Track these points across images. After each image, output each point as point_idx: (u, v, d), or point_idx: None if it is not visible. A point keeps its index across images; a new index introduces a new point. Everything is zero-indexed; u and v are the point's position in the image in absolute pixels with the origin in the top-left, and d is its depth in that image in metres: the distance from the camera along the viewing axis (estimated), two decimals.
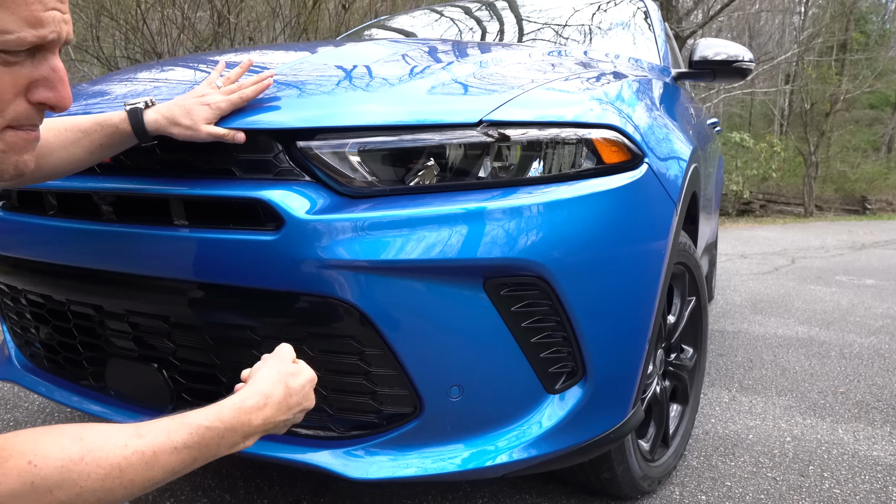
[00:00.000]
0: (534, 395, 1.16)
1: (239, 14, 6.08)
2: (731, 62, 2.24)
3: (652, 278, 1.27)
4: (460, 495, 1.68)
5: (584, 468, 1.53)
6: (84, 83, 1.70)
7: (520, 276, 1.09)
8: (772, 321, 3.77)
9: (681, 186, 1.39)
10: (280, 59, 1.55)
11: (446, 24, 2.74)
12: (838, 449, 2.04)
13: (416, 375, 1.09)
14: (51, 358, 1.50)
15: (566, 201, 1.11)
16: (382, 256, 1.05)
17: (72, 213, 1.24)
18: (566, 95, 1.20)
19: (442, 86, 1.16)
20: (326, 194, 1.08)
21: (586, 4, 2.66)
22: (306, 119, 1.09)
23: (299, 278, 1.06)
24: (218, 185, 1.10)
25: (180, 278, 1.14)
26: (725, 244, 7.99)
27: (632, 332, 1.24)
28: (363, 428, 1.16)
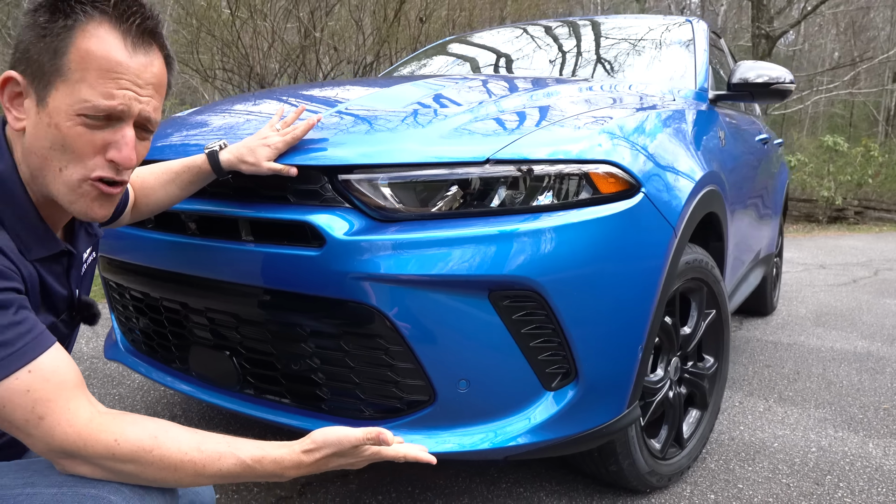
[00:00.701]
0: (532, 390, 1.36)
1: (323, 29, 6.48)
2: (769, 84, 2.34)
3: (644, 294, 1.43)
4: (487, 480, 1.89)
5: (594, 460, 1.71)
6: (183, 113, 2.04)
7: (518, 290, 1.29)
8: (832, 334, 3.74)
9: (681, 212, 1.54)
10: (335, 95, 1.82)
11: (521, 42, 2.95)
12: (862, 462, 2.11)
13: (430, 369, 1.31)
14: (147, 343, 1.82)
15: (561, 227, 1.30)
16: (405, 271, 1.28)
17: (165, 228, 1.54)
18: (567, 134, 1.39)
19: (458, 128, 1.38)
20: (361, 218, 1.32)
21: (647, 29, 2.80)
22: (346, 157, 1.33)
23: (337, 287, 1.31)
24: (276, 210, 1.37)
25: (246, 283, 1.41)
26: (805, 253, 7.75)
27: (621, 341, 1.42)
28: (388, 411, 1.39)
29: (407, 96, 1.65)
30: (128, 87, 0.90)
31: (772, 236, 3.48)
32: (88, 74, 0.88)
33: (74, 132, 0.88)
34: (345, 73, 7.16)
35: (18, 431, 0.85)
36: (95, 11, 0.89)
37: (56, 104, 0.88)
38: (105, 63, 0.89)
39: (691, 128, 1.86)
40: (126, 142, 0.92)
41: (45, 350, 0.86)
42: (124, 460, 0.87)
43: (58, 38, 0.87)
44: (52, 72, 0.88)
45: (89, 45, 0.88)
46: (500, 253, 1.28)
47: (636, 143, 1.47)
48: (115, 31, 0.90)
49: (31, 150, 0.91)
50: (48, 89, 0.88)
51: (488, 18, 7.64)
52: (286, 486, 1.84)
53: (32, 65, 0.89)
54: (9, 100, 0.91)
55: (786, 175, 3.95)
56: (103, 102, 0.88)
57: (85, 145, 0.90)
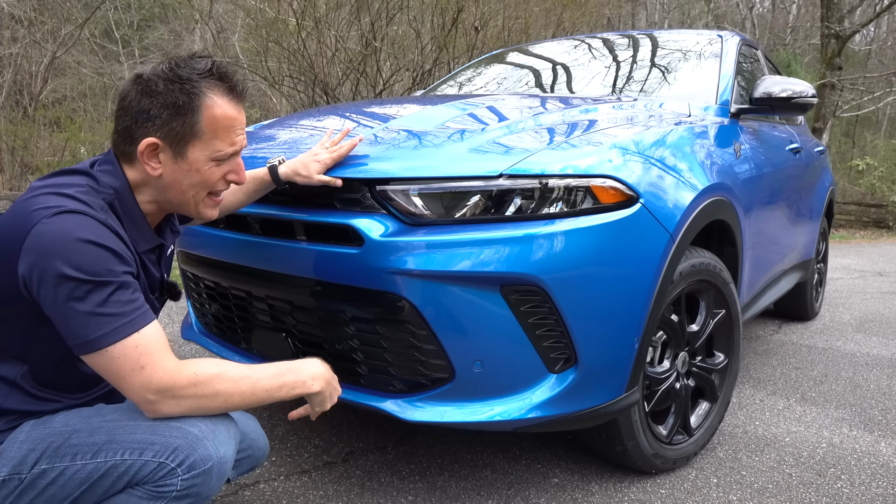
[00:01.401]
0: (538, 372, 1.58)
1: (383, 39, 6.80)
2: (790, 98, 2.48)
3: (639, 292, 1.63)
4: (509, 456, 2.12)
5: (602, 441, 1.91)
6: (253, 127, 2.35)
7: (525, 286, 1.51)
8: (872, 341, 3.77)
9: (680, 220, 1.73)
10: (382, 113, 2.08)
11: (551, 60, 3.17)
12: (870, 458, 2.22)
13: (450, 351, 1.55)
14: (217, 326, 2.13)
15: (563, 232, 1.52)
16: (430, 267, 1.52)
17: (235, 228, 1.83)
18: (573, 152, 1.60)
19: (478, 147, 1.61)
20: (395, 223, 1.57)
21: (678, 44, 2.97)
22: (383, 171, 1.59)
23: (373, 280, 1.56)
24: (325, 214, 1.63)
25: (299, 275, 1.68)
26: (865, 260, 7.60)
27: (617, 333, 1.62)
28: (415, 386, 1.64)
29: (438, 117, 1.89)
30: (240, 132, 1.32)
31: (807, 242, 3.56)
32: (218, 132, 1.27)
33: (210, 172, 1.30)
34: (403, 79, 7.47)
35: (123, 379, 1.15)
36: (214, 89, 1.26)
37: (195, 156, 1.27)
38: (227, 122, 1.28)
39: (701, 142, 2.03)
40: (240, 167, 1.36)
41: (149, 322, 1.18)
42: (202, 382, 1.20)
43: (191, 113, 1.23)
44: (189, 135, 1.24)
45: (215, 115, 1.26)
46: (510, 254, 1.50)
47: (636, 159, 1.67)
48: (228, 98, 1.28)
49: (171, 186, 1.29)
50: (185, 146, 1.25)
51: (543, 25, 7.81)
52: (333, 453, 2.11)
53: (172, 132, 1.23)
54: (147, 157, 1.25)
55: (828, 182, 4.00)
56: (230, 149, 1.30)
57: (216, 177, 1.32)
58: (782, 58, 19.91)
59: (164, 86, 1.21)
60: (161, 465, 1.20)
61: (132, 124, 1.23)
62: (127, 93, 1.24)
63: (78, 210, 1.14)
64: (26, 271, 1.12)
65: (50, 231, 1.10)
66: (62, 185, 1.20)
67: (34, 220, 1.12)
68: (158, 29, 17.99)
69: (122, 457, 1.20)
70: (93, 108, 13.48)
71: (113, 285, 1.13)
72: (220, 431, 1.25)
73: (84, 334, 1.12)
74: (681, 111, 2.23)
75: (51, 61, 8.96)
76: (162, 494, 1.21)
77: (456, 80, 3.37)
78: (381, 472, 2.01)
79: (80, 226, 1.13)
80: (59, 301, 1.11)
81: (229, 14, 10.75)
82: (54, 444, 1.22)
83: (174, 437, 1.21)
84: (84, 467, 1.20)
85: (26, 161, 8.32)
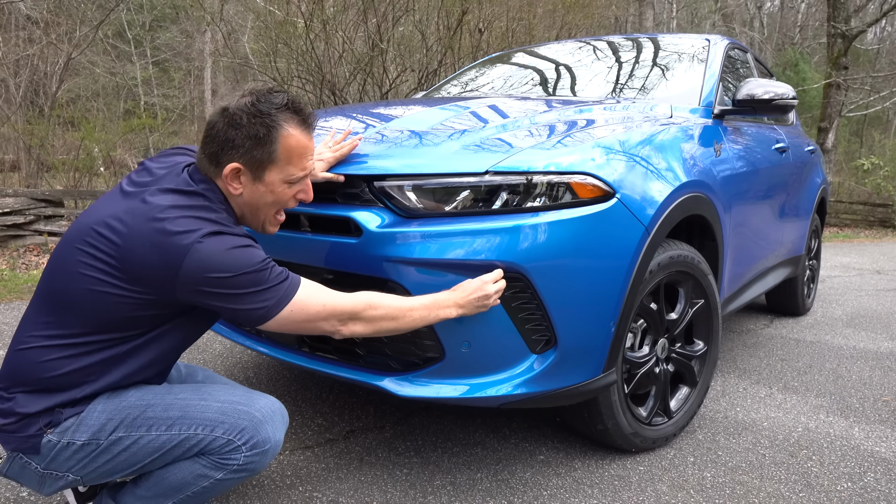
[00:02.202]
0: (521, 353, 1.73)
1: (389, 40, 6.95)
2: (770, 100, 2.61)
3: (615, 280, 1.77)
4: (499, 435, 2.27)
5: (584, 420, 2.05)
6: None
7: (508, 273, 1.66)
8: (860, 335, 3.89)
9: (655, 214, 1.86)
10: (385, 113, 2.23)
11: (569, 57, 3.31)
12: (842, 442, 2.35)
13: (439, 332, 1.70)
14: None
15: (543, 224, 1.66)
16: (423, 256, 1.67)
17: None
18: (555, 150, 1.74)
19: (468, 146, 1.76)
20: (391, 215, 1.72)
21: (667, 48, 3.10)
22: (381, 168, 1.74)
23: (371, 267, 1.71)
24: (327, 208, 1.78)
25: (305, 263, 1.84)
26: (866, 258, 7.69)
27: (594, 317, 1.76)
28: (409, 365, 1.79)
29: (435, 118, 2.04)
30: (310, 158, 1.52)
31: (796, 238, 3.68)
32: (292, 159, 1.46)
33: (283, 192, 1.49)
34: (409, 80, 7.62)
35: (312, 321, 1.43)
36: (289, 121, 1.45)
37: (271, 179, 1.46)
38: (301, 151, 1.47)
39: (681, 142, 2.16)
40: (309, 187, 1.55)
41: (300, 281, 1.44)
42: (376, 308, 1.51)
43: (270, 143, 1.43)
44: (267, 162, 1.44)
45: (290, 144, 1.45)
46: (496, 244, 1.65)
47: (615, 157, 1.81)
48: (301, 128, 1.47)
49: (248, 204, 1.49)
50: (264, 171, 1.45)
51: (547, 27, 7.93)
52: (334, 431, 2.27)
53: (253, 159, 1.43)
54: (231, 178, 1.44)
55: (819, 180, 4.11)
56: (301, 173, 1.49)
57: (287, 196, 1.51)
58: (790, 57, 19.92)
59: (247, 119, 1.40)
60: (229, 442, 1.42)
61: (219, 150, 1.43)
62: (214, 123, 1.43)
63: (216, 231, 1.35)
64: (193, 288, 1.32)
65: (206, 255, 1.31)
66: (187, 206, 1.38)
67: (185, 242, 1.30)
68: (170, 29, 18.24)
69: (195, 431, 1.42)
70: (105, 107, 13.72)
71: (267, 266, 1.38)
72: (277, 418, 1.49)
73: (266, 302, 1.36)
74: (664, 112, 2.36)
75: (67, 62, 9.17)
76: (224, 466, 1.44)
77: (458, 81, 3.51)
78: (379, 448, 2.16)
79: (224, 241, 1.34)
80: (235, 296, 1.34)
81: (239, 15, 10.94)
82: (131, 415, 1.40)
83: (241, 419, 1.44)
84: (158, 437, 1.41)
85: (42, 159, 8.52)
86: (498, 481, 1.96)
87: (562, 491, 1.92)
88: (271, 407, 1.50)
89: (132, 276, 1.33)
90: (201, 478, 1.44)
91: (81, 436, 1.37)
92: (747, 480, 2.03)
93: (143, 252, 1.31)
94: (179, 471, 1.44)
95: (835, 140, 13.22)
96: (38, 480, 1.41)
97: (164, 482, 1.45)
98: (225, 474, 1.44)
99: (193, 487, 1.45)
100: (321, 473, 1.98)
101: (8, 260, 5.96)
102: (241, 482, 1.51)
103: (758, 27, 24.32)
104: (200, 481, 1.44)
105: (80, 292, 1.34)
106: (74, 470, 1.40)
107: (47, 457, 1.37)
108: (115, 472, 1.43)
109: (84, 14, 10.11)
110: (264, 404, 1.49)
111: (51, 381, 1.36)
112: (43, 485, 1.42)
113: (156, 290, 1.34)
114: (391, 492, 1.89)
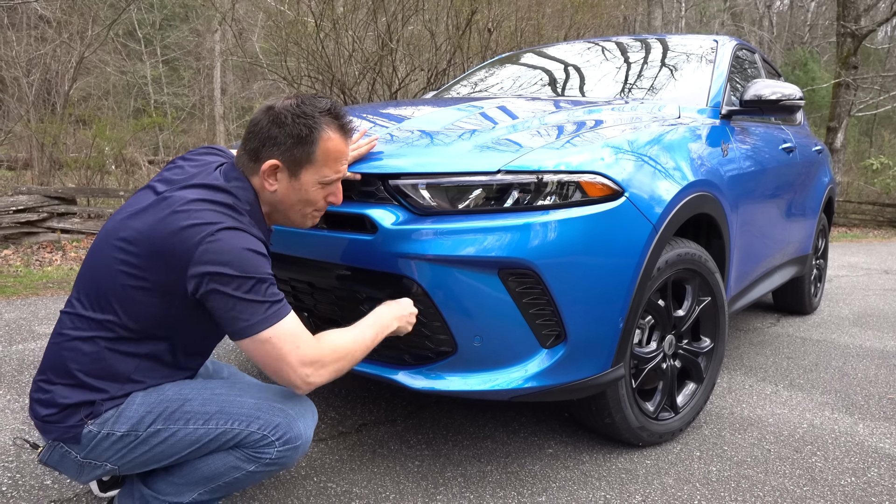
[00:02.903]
0: (531, 347, 1.77)
1: (399, 40, 7.00)
2: (777, 101, 2.64)
3: (623, 277, 1.81)
4: (509, 429, 2.31)
5: (592, 414, 2.09)
6: None
7: (519, 269, 1.70)
8: (866, 334, 3.91)
9: (663, 212, 1.90)
10: (397, 114, 2.28)
11: (578, 58, 3.35)
12: (846, 438, 2.39)
13: (452, 327, 1.75)
14: None
15: (554, 222, 1.70)
16: (436, 252, 1.71)
17: None
18: (565, 150, 1.79)
19: (480, 145, 1.80)
20: (405, 213, 1.77)
21: (675, 49, 3.14)
22: (395, 167, 1.78)
23: (386, 263, 1.76)
24: (343, 205, 1.83)
25: (320, 259, 1.89)
26: (874, 258, 7.69)
27: (603, 313, 1.80)
28: (422, 359, 1.84)
29: (447, 118, 2.09)
30: (345, 163, 1.59)
31: (803, 237, 3.71)
32: (328, 161, 1.53)
33: (315, 193, 1.56)
34: (418, 79, 7.67)
35: (283, 358, 1.39)
36: (330, 125, 1.51)
37: (306, 178, 1.52)
38: (337, 155, 1.54)
39: (688, 141, 2.20)
40: (339, 191, 1.61)
41: (290, 310, 1.43)
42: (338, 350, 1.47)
43: (310, 143, 1.49)
44: (305, 161, 1.50)
45: (328, 146, 1.51)
46: (507, 241, 1.69)
47: (624, 157, 1.85)
48: (340, 133, 1.53)
49: (282, 201, 1.55)
50: (300, 170, 1.51)
51: (556, 26, 7.96)
52: (347, 424, 2.32)
53: (292, 157, 1.49)
54: (268, 174, 1.50)
55: (826, 180, 4.13)
56: (335, 175, 1.56)
57: (319, 198, 1.58)
58: (800, 56, 19.84)
59: (291, 119, 1.47)
60: (264, 437, 1.47)
61: (260, 147, 1.49)
62: (259, 121, 1.50)
63: (235, 227, 1.39)
64: (199, 278, 1.34)
65: (218, 247, 1.34)
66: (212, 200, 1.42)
67: (201, 234, 1.34)
68: (180, 28, 18.34)
69: (232, 426, 1.46)
70: (116, 105, 13.84)
71: (268, 281, 1.39)
72: (308, 415, 1.54)
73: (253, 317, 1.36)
74: (672, 113, 2.40)
75: (79, 61, 9.27)
76: (257, 459, 1.48)
77: (468, 81, 3.56)
78: (391, 441, 2.21)
79: (241, 239, 1.37)
80: (229, 298, 1.34)
81: (249, 14, 11.02)
82: (169, 409, 1.45)
83: (276, 416, 1.48)
84: (195, 431, 1.46)
85: (55, 157, 8.62)
86: (508, 474, 2.01)
87: (570, 483, 1.96)
88: (304, 404, 1.55)
89: (152, 263, 1.37)
90: (234, 469, 1.49)
91: (121, 427, 1.42)
92: (752, 475, 2.06)
93: (162, 239, 1.36)
94: (214, 462, 1.49)
95: (844, 140, 13.19)
96: (76, 469, 1.47)
97: (197, 472, 1.50)
98: (257, 467, 1.49)
99: (225, 478, 1.50)
100: (335, 465, 2.03)
101: (22, 257, 6.04)
102: (271, 475, 1.55)
103: (767, 26, 24.24)
104: (233, 472, 1.49)
105: (116, 288, 1.40)
106: (112, 460, 1.45)
107: (87, 447, 1.42)
108: (152, 463, 1.48)
109: (96, 13, 10.21)
110: (297, 402, 1.54)
111: (89, 373, 1.41)
112: (81, 473, 1.48)
113: (171, 278, 1.37)
114: (403, 483, 1.94)
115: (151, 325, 1.43)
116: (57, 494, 1.82)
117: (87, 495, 1.81)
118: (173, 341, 1.48)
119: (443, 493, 1.89)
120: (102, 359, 1.41)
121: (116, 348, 1.42)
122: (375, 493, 1.88)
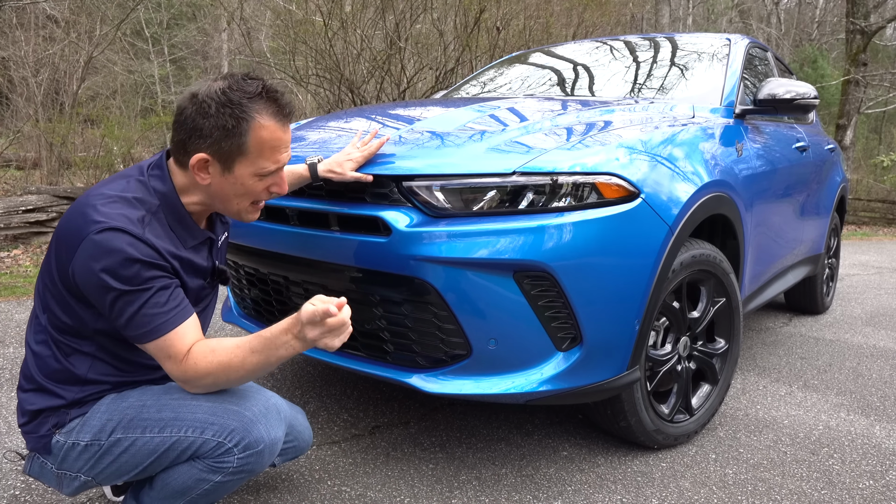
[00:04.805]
0: (547, 350, 1.76)
1: (407, 38, 6.99)
2: (791, 100, 2.62)
3: (639, 279, 1.79)
4: (522, 432, 2.30)
5: (608, 417, 2.08)
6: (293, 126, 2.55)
7: (535, 272, 1.69)
8: (880, 334, 3.88)
9: (679, 213, 1.88)
10: (407, 115, 2.26)
11: (590, 57, 3.33)
12: (863, 440, 2.36)
13: (467, 329, 1.73)
14: (256, 309, 2.33)
15: (570, 224, 1.69)
16: (450, 254, 1.70)
17: (274, 219, 2.03)
18: (580, 151, 1.77)
19: (495, 147, 1.78)
20: (419, 215, 1.75)
21: (688, 48, 3.11)
22: (409, 168, 1.77)
23: (400, 265, 1.74)
24: (356, 207, 1.82)
25: (333, 262, 1.87)
26: (885, 257, 7.63)
27: (619, 315, 1.78)
28: (436, 362, 1.82)
29: (460, 119, 2.07)
30: (285, 151, 1.43)
31: (816, 237, 3.67)
32: (264, 152, 1.38)
33: (254, 185, 1.42)
34: (427, 78, 7.65)
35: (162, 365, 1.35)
36: (262, 111, 1.35)
37: (241, 171, 1.38)
38: (273, 143, 1.38)
39: (703, 141, 2.18)
40: (282, 180, 1.47)
41: (183, 320, 1.34)
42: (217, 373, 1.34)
43: (239, 135, 1.34)
44: (236, 153, 1.36)
45: (262, 136, 1.36)
46: (522, 243, 1.68)
47: (639, 158, 1.83)
48: (275, 119, 1.37)
49: (217, 195, 1.42)
50: (233, 163, 1.37)
51: (564, 25, 7.93)
52: (360, 427, 2.31)
53: (221, 151, 1.35)
54: (198, 169, 1.37)
55: (839, 179, 4.09)
56: (273, 166, 1.41)
57: (259, 189, 1.44)
58: (808, 53, 19.73)
59: (216, 109, 1.31)
60: (220, 444, 1.38)
61: (186, 139, 1.35)
62: (183, 109, 1.35)
63: (120, 227, 1.27)
64: (76, 271, 1.28)
65: (95, 245, 1.25)
66: (115, 195, 1.33)
67: (87, 231, 1.26)
68: (187, 28, 18.36)
69: (186, 433, 1.38)
70: (123, 104, 13.87)
71: (149, 292, 1.29)
72: (271, 416, 1.44)
73: (128, 331, 1.31)
74: (686, 112, 2.38)
75: (88, 61, 9.29)
76: (220, 469, 1.40)
77: (478, 81, 3.54)
78: (405, 443, 2.20)
79: (121, 241, 1.26)
80: (105, 305, 1.29)
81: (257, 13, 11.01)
82: (128, 416, 1.40)
83: (231, 420, 1.39)
84: (152, 440, 1.38)
85: (64, 157, 8.64)
86: (522, 477, 1.99)
87: (586, 486, 1.95)
88: (265, 404, 1.45)
89: (57, 259, 1.33)
90: (201, 481, 1.41)
91: (84, 436, 1.38)
92: (769, 477, 2.04)
93: (63, 236, 1.31)
94: (179, 475, 1.42)
95: (853, 137, 13.10)
96: (56, 480, 1.44)
97: (168, 486, 1.44)
98: (223, 477, 1.41)
99: (196, 490, 1.43)
100: (349, 468, 2.02)
101: (31, 256, 6.06)
102: (246, 481, 1.48)
103: (775, 23, 24.10)
104: (202, 485, 1.42)
105: (48, 285, 1.37)
106: (84, 470, 1.41)
107: (58, 457, 1.40)
108: (123, 474, 1.42)
109: (104, 13, 10.23)
110: (257, 402, 1.44)
111: (49, 377, 1.39)
112: (62, 484, 1.45)
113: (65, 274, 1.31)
114: (418, 486, 1.93)
115: (78, 321, 1.37)
116: (69, 500, 1.82)
117: (100, 499, 1.81)
118: (106, 337, 1.40)
119: (458, 496, 1.88)
120: (57, 360, 1.38)
121: (64, 349, 1.39)
122: (390, 496, 1.87)
